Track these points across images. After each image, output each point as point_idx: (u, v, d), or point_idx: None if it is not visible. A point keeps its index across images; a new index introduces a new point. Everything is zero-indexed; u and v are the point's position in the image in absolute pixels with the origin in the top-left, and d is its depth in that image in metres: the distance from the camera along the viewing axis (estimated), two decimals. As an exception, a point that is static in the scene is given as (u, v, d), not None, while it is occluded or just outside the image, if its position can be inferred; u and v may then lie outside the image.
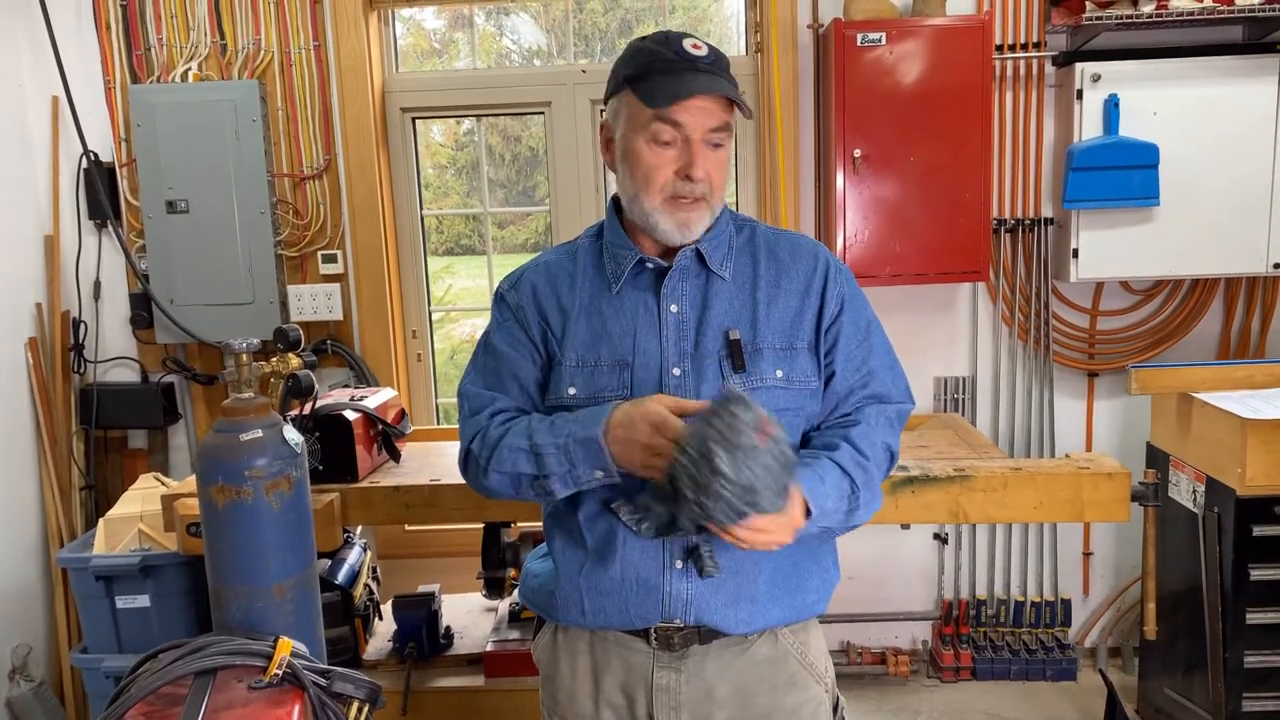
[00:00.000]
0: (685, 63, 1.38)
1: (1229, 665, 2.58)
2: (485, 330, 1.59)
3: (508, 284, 1.58)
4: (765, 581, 1.44)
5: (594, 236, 1.56)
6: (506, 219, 3.71)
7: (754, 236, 1.53)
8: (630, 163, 1.43)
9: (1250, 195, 2.96)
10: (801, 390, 1.46)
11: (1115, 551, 3.41)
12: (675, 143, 1.40)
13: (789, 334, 1.46)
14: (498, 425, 1.49)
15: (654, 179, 1.41)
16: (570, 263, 1.54)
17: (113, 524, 2.61)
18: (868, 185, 2.97)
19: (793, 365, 1.45)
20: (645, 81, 1.39)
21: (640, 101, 1.39)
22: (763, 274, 1.48)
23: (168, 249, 3.10)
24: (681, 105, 1.37)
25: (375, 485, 2.30)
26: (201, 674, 1.49)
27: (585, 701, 1.51)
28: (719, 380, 1.42)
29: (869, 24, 2.91)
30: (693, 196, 1.41)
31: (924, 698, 3.29)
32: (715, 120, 1.39)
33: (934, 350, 3.31)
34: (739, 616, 1.43)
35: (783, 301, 1.47)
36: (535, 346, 1.51)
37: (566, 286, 1.51)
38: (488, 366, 1.55)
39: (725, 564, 1.41)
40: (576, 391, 1.45)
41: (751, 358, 1.43)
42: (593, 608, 1.46)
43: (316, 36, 3.16)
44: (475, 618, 2.83)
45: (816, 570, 1.51)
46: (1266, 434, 2.45)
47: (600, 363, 1.45)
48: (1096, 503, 2.14)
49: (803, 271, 1.49)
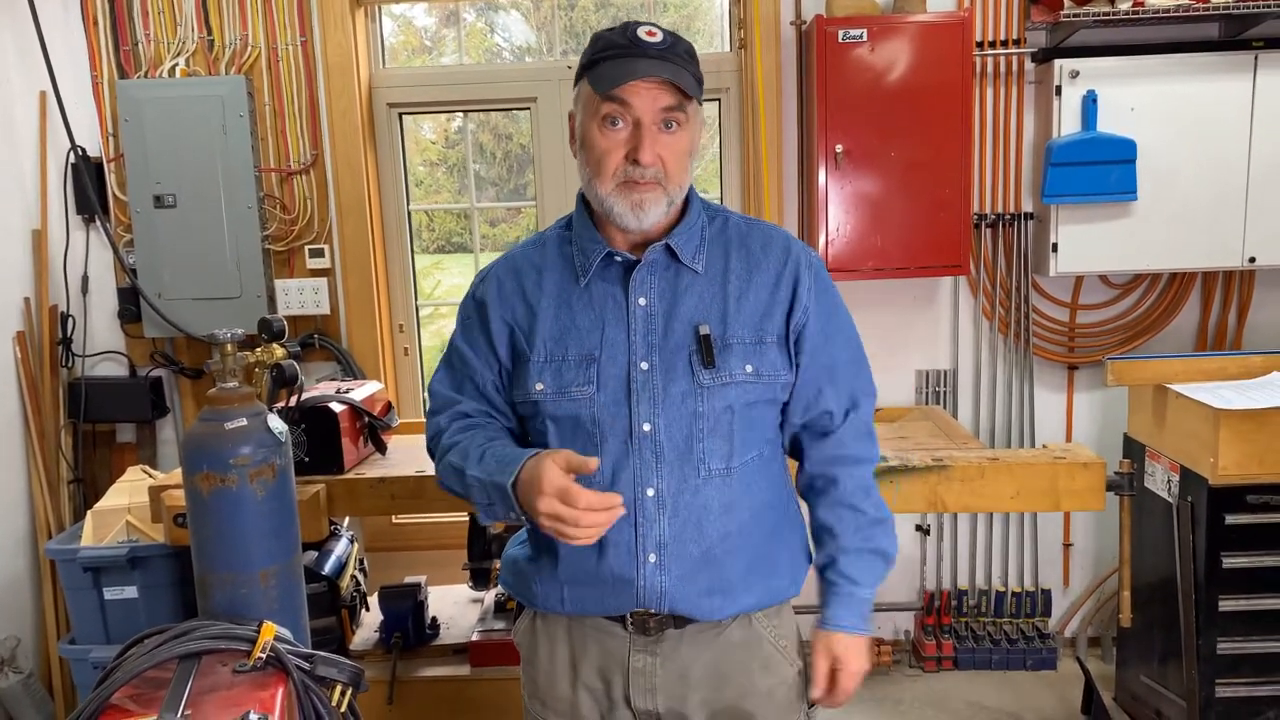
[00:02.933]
0: (637, 48, 1.37)
1: (1202, 652, 2.63)
2: (456, 325, 1.60)
3: (476, 280, 1.58)
4: (739, 573, 1.46)
5: (563, 228, 1.55)
6: (497, 217, 3.73)
7: (726, 227, 1.52)
8: (586, 148, 1.43)
9: (1226, 190, 3.00)
10: (772, 383, 1.46)
11: (1095, 543, 3.45)
12: (626, 127, 1.39)
13: (759, 328, 1.46)
14: (451, 434, 1.50)
15: (605, 163, 1.40)
16: (538, 255, 1.53)
17: (101, 516, 2.63)
18: (850, 180, 3.00)
19: (762, 359, 1.45)
20: (597, 68, 1.39)
21: (591, 87, 1.39)
22: (734, 267, 1.48)
23: (155, 243, 3.11)
24: (627, 88, 1.36)
25: (361, 477, 2.32)
26: (186, 658, 1.51)
27: (563, 685, 1.54)
28: (689, 375, 1.42)
29: (851, 20, 2.94)
30: (645, 180, 1.39)
31: (906, 687, 3.33)
32: (666, 101, 1.37)
33: (915, 343, 3.34)
34: (712, 605, 1.46)
35: (753, 295, 1.46)
36: (493, 350, 1.51)
37: (533, 281, 1.50)
38: (452, 364, 1.57)
39: (698, 555, 1.43)
40: (545, 387, 1.45)
41: (721, 353, 1.43)
42: (571, 598, 1.48)
43: (303, 32, 3.17)
44: (461, 608, 2.86)
45: (787, 556, 1.54)
46: (1238, 424, 2.49)
47: (567, 357, 1.45)
48: (1072, 492, 2.17)
49: (774, 264, 1.48)
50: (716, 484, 1.44)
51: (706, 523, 1.43)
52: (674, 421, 1.42)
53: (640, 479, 1.42)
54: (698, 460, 1.42)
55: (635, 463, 1.42)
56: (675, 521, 1.42)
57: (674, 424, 1.42)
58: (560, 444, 1.44)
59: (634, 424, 1.42)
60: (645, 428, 1.42)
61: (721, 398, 1.42)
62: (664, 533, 1.42)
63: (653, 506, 1.42)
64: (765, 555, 1.49)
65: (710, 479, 1.43)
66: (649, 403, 1.42)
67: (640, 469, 1.42)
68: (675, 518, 1.42)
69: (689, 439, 1.42)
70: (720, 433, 1.43)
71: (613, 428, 1.42)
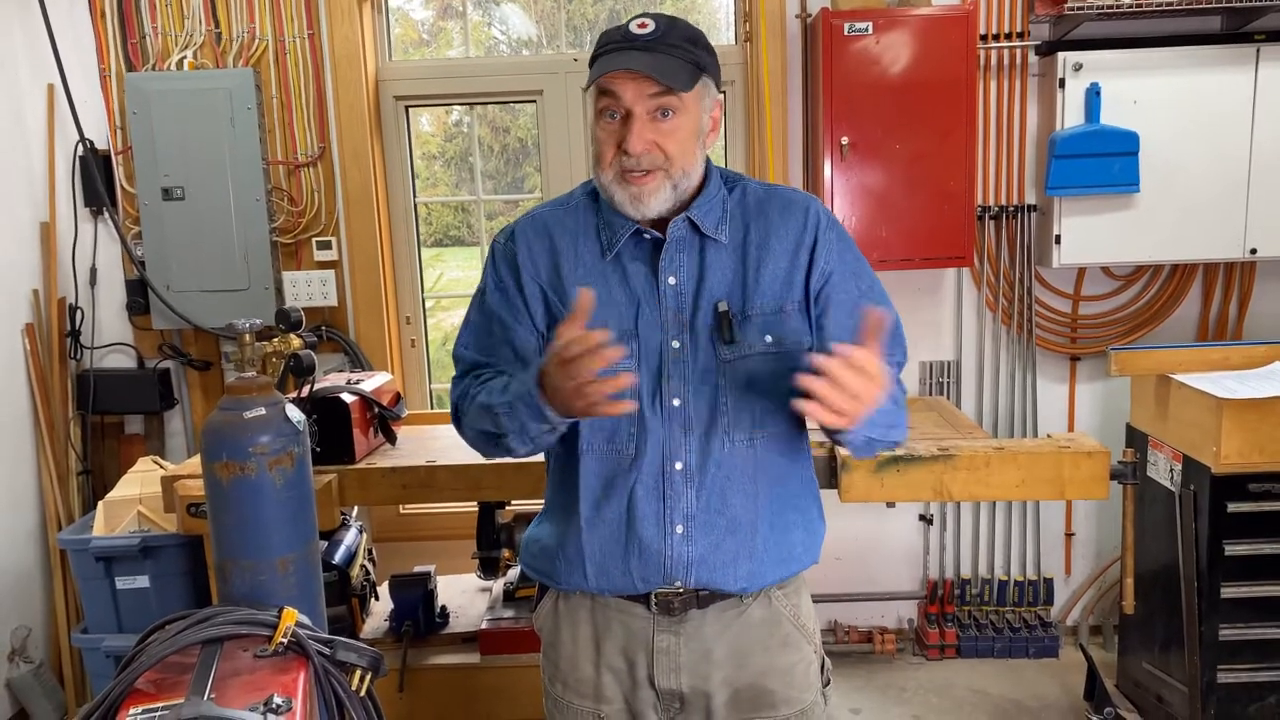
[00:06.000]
0: (626, 40, 1.41)
1: (1204, 639, 2.66)
2: (479, 288, 1.58)
3: (502, 239, 1.57)
4: (760, 540, 1.48)
5: (592, 194, 1.55)
6: (496, 210, 3.74)
7: (745, 195, 1.53)
8: (592, 140, 1.48)
9: (1228, 182, 3.03)
10: (795, 350, 1.46)
11: (1097, 532, 3.48)
12: (619, 118, 1.42)
13: (779, 296, 1.47)
14: (479, 384, 1.52)
15: (603, 154, 1.44)
16: (570, 219, 1.54)
17: (112, 506, 2.65)
18: (854, 172, 3.02)
19: (783, 328, 1.46)
20: (595, 63, 1.43)
21: (589, 81, 1.44)
22: (752, 236, 1.49)
23: (164, 236, 3.12)
24: (614, 81, 1.39)
25: (372, 466, 2.35)
26: (209, 643, 1.53)
27: (586, 667, 1.55)
28: (712, 352, 1.45)
29: (856, 14, 2.95)
30: (638, 170, 1.42)
31: (910, 675, 3.35)
32: (652, 89, 1.39)
33: (919, 335, 3.36)
34: (737, 573, 1.47)
35: (772, 263, 1.47)
36: (531, 314, 1.52)
37: (566, 243, 1.51)
38: (482, 328, 1.57)
39: (723, 526, 1.46)
40: None
41: (741, 327, 1.45)
42: (595, 571, 1.50)
43: (310, 25, 3.18)
44: (470, 597, 2.88)
45: (803, 523, 1.55)
46: (1241, 413, 2.51)
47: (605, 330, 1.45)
48: (1077, 481, 2.19)
49: (793, 229, 1.49)
50: (741, 454, 1.46)
51: (730, 493, 1.46)
52: (700, 396, 1.45)
53: (670, 453, 1.45)
54: (722, 432, 1.46)
55: (664, 437, 1.45)
56: (702, 493, 1.45)
57: (700, 398, 1.45)
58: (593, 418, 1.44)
59: (665, 399, 1.45)
60: (675, 403, 1.45)
61: (743, 370, 1.45)
62: (691, 504, 1.45)
63: (681, 479, 1.45)
64: (785, 523, 1.52)
65: (735, 450, 1.46)
66: (680, 379, 1.45)
67: (669, 443, 1.45)
68: (702, 489, 1.45)
69: (714, 411, 1.45)
70: (744, 406, 1.46)
71: (650, 404, 1.45)
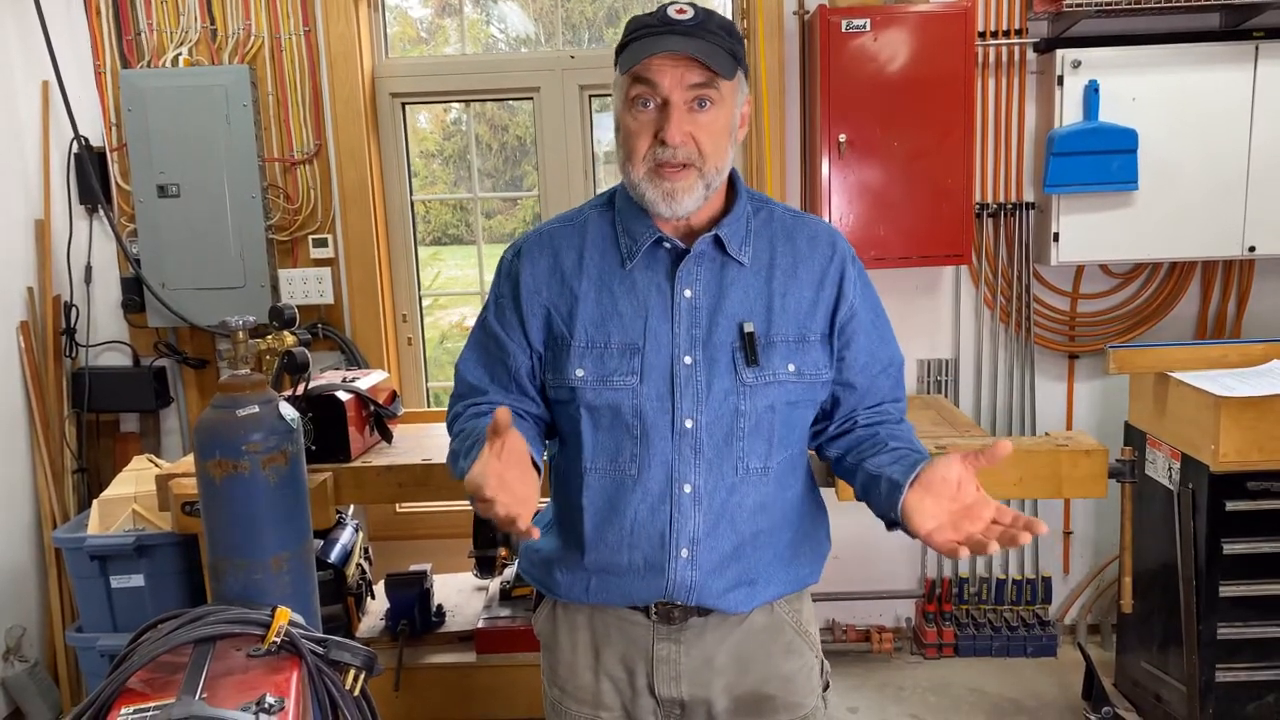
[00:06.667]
0: (665, 25, 1.33)
1: (1203, 637, 2.65)
2: (486, 303, 1.55)
3: (508, 256, 1.52)
4: (764, 566, 1.46)
5: (603, 207, 1.49)
6: (494, 208, 3.73)
7: (771, 219, 1.48)
8: (619, 134, 1.40)
9: (1226, 179, 3.02)
10: (813, 383, 1.45)
11: (1095, 531, 3.47)
12: (654, 107, 1.34)
13: (802, 325, 1.43)
14: (463, 419, 1.48)
15: (635, 147, 1.36)
16: (577, 237, 1.47)
17: (107, 505, 2.64)
18: (852, 170, 3.01)
19: (804, 358, 1.43)
20: (626, 49, 1.35)
21: (620, 69, 1.36)
22: (779, 262, 1.44)
23: (159, 233, 3.11)
24: (652, 67, 1.31)
25: (368, 465, 2.34)
26: (201, 642, 1.52)
27: (585, 674, 1.53)
28: (732, 373, 1.40)
29: (854, 10, 2.94)
30: (674, 163, 1.34)
31: (907, 674, 3.35)
32: (696, 77, 1.32)
33: (917, 333, 3.35)
34: (737, 598, 1.45)
35: (798, 292, 1.44)
36: (525, 332, 1.47)
37: (572, 261, 1.45)
38: (484, 345, 1.52)
39: (728, 551, 1.43)
40: (585, 374, 1.41)
41: (765, 350, 1.40)
42: (597, 587, 1.46)
43: (306, 22, 3.17)
44: (466, 596, 2.88)
45: (810, 546, 1.53)
46: (1239, 411, 2.51)
47: (610, 344, 1.41)
48: (1075, 479, 2.18)
49: (819, 261, 1.46)
50: (753, 482, 1.43)
51: (740, 520, 1.42)
52: (716, 419, 1.40)
53: (678, 474, 1.40)
54: (736, 459, 1.41)
55: (674, 458, 1.40)
56: (710, 518, 1.41)
57: (715, 422, 1.40)
58: (594, 434, 1.42)
59: (676, 419, 1.39)
60: (687, 424, 1.39)
61: (764, 396, 1.41)
62: (698, 528, 1.41)
63: (689, 502, 1.41)
64: (791, 548, 1.49)
65: (747, 477, 1.42)
66: (692, 399, 1.39)
67: (679, 464, 1.40)
68: (710, 514, 1.41)
69: (729, 437, 1.40)
70: (761, 432, 1.42)
71: (655, 422, 1.40)
